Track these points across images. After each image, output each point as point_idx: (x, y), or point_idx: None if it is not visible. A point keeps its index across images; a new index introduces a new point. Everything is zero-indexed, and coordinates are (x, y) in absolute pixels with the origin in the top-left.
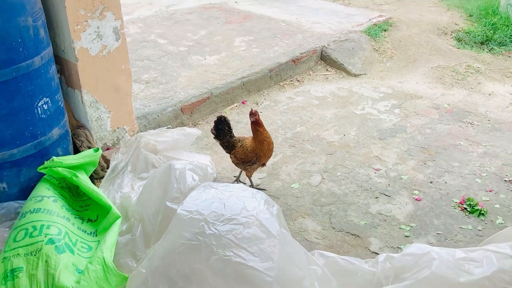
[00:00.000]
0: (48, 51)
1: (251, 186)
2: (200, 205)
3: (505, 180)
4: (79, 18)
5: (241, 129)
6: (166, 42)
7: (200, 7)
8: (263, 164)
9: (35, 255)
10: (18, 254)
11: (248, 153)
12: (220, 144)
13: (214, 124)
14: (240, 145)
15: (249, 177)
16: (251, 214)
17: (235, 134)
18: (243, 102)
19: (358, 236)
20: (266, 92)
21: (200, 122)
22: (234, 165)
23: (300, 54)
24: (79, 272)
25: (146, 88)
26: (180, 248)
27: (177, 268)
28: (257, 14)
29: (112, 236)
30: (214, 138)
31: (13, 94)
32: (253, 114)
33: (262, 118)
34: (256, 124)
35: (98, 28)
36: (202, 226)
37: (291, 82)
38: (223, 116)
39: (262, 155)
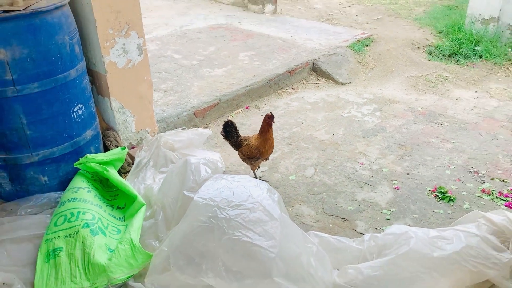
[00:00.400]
0: (82, 65)
1: (255, 177)
2: (213, 193)
3: (471, 171)
4: (108, 36)
5: (246, 130)
6: (181, 57)
7: (208, 27)
8: (266, 159)
9: (73, 237)
10: (59, 236)
11: (253, 150)
12: (229, 143)
13: (222, 127)
14: (246, 144)
15: (253, 170)
16: (256, 200)
17: (241, 135)
18: (246, 107)
19: (347, 219)
20: (266, 99)
21: (210, 124)
22: (241, 160)
23: (295, 66)
24: (111, 251)
25: (164, 96)
26: (196, 229)
27: (194, 247)
28: (257, 32)
29: (138, 220)
30: (224, 138)
31: (53, 101)
32: (272, 117)
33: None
34: (270, 125)
35: (124, 45)
36: (215, 211)
37: (287, 90)
38: (230, 121)
39: (264, 151)
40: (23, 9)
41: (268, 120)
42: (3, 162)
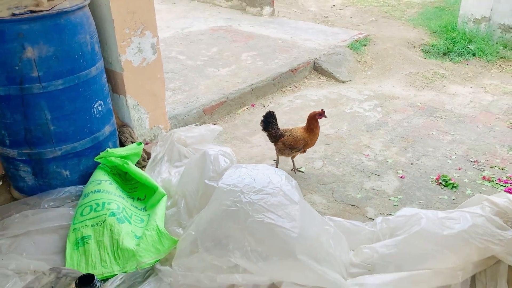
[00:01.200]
0: (101, 63)
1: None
2: (236, 180)
3: (471, 161)
4: (125, 36)
5: (253, 126)
6: (185, 57)
7: (209, 29)
8: (304, 151)
9: (100, 225)
10: (86, 225)
11: (298, 140)
12: (267, 135)
13: (263, 118)
14: (289, 134)
15: (279, 157)
16: (276, 186)
17: (249, 131)
18: (252, 105)
19: (357, 206)
20: (270, 97)
21: (218, 122)
22: (250, 155)
23: (297, 65)
24: (137, 238)
25: (173, 94)
26: (223, 213)
27: (221, 229)
28: (257, 34)
29: (161, 209)
30: (262, 130)
31: (75, 98)
32: (322, 113)
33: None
34: (317, 121)
35: (139, 44)
36: (239, 195)
37: (291, 88)
38: (272, 111)
39: (310, 143)
40: (48, 10)
41: (319, 116)
42: (27, 157)
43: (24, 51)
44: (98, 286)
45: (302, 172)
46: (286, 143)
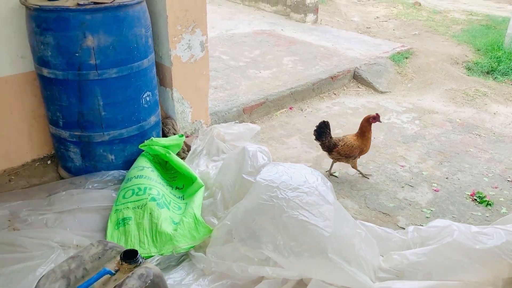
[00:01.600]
0: (152, 56)
1: (359, 173)
2: (273, 176)
3: (508, 180)
4: (176, 32)
5: (290, 129)
6: (228, 58)
7: (253, 32)
8: (358, 157)
9: (141, 208)
10: (128, 207)
11: (354, 149)
12: (320, 144)
13: (316, 128)
14: (343, 144)
15: (355, 167)
16: (311, 185)
17: (286, 133)
18: (290, 108)
19: (388, 214)
20: (308, 101)
21: (256, 121)
22: (285, 155)
23: (337, 72)
24: (175, 223)
25: (215, 92)
26: (259, 206)
27: (256, 221)
28: (299, 40)
29: (198, 199)
30: (315, 139)
31: (127, 87)
32: (377, 117)
33: (307, 121)
34: (371, 123)
35: (189, 40)
36: (275, 191)
37: (329, 94)
38: (326, 121)
39: (365, 149)
40: (110, 2)
41: (373, 120)
42: (77, 139)
43: (85, 39)
44: (141, 262)
45: (336, 176)
46: (341, 152)
